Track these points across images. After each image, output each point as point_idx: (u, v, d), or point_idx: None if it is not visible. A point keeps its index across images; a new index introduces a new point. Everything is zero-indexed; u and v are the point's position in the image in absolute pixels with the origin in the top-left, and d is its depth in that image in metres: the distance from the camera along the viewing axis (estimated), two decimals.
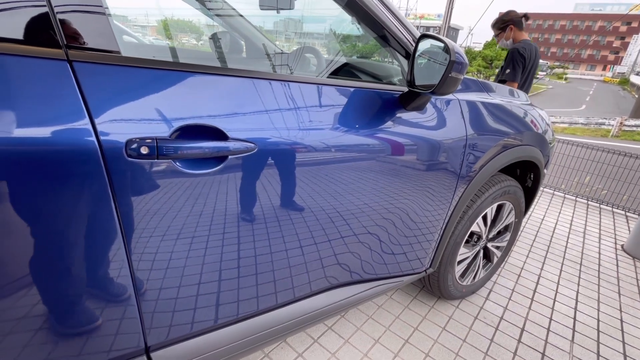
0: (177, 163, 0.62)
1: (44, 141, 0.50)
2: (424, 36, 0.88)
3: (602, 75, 59.37)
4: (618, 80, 47.69)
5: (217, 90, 0.68)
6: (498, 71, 2.44)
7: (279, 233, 0.83)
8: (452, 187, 1.18)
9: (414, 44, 0.90)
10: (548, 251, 2.25)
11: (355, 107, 0.89)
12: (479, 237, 1.56)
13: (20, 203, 0.51)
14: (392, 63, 1.07)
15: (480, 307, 1.66)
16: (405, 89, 0.97)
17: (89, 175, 0.54)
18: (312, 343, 1.37)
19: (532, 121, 1.49)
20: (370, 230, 1.04)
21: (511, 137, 1.32)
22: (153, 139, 0.58)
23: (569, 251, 2.27)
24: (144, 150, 0.57)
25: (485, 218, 1.49)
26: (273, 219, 0.80)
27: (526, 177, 1.72)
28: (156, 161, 0.59)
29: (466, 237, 1.44)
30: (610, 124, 11.68)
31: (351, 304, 1.12)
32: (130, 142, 0.56)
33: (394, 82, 1.03)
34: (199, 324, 0.80)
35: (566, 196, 3.28)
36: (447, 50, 0.81)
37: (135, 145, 0.56)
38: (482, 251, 1.64)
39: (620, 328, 1.61)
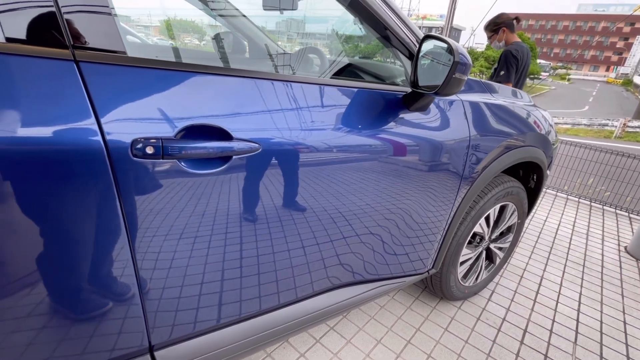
0: (182, 163, 0.62)
1: (51, 141, 0.50)
2: (428, 37, 0.88)
3: (605, 76, 59.12)
4: (621, 81, 47.47)
5: (222, 90, 0.68)
6: (492, 73, 2.51)
7: (283, 233, 0.83)
8: (455, 188, 1.18)
9: (418, 45, 0.90)
10: (551, 252, 2.24)
11: (358, 108, 0.89)
12: (482, 238, 1.56)
13: (26, 201, 0.51)
14: (395, 63, 1.08)
15: (482, 308, 1.66)
16: (408, 90, 0.97)
17: (95, 174, 0.55)
18: (314, 343, 1.37)
19: (535, 122, 1.49)
20: (373, 230, 1.04)
21: (514, 138, 1.32)
22: (158, 139, 0.58)
23: (572, 253, 2.27)
24: (150, 150, 0.57)
25: (488, 219, 1.49)
26: (276, 219, 0.80)
27: (529, 178, 1.72)
28: (161, 161, 0.60)
29: (469, 238, 1.44)
30: (613, 125, 11.64)
31: (354, 305, 1.13)
32: (135, 142, 0.56)
33: (397, 83, 1.03)
34: (203, 324, 0.80)
35: (569, 197, 3.27)
36: (451, 51, 0.81)
37: (140, 145, 0.57)
38: (485, 252, 1.63)
39: (623, 330, 1.61)
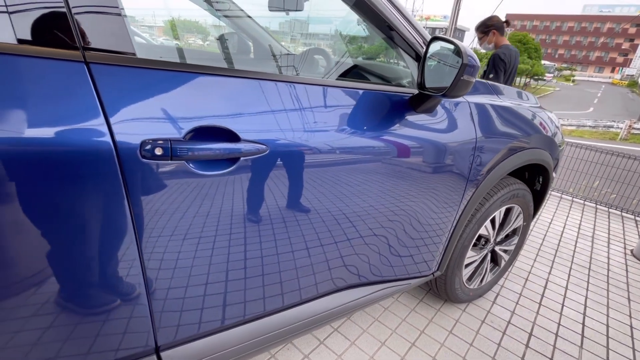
0: (190, 164, 0.62)
1: (62, 142, 0.50)
2: (435, 38, 0.88)
3: (611, 77, 58.72)
4: (627, 82, 47.11)
5: (230, 91, 0.68)
6: (481, 75, 2.59)
7: (289, 235, 0.83)
8: (461, 190, 1.18)
9: (425, 47, 0.89)
10: (556, 255, 2.22)
11: (365, 109, 0.89)
12: (487, 241, 1.55)
13: (36, 201, 0.51)
14: (399, 64, 1.07)
15: (487, 311, 1.65)
16: (415, 91, 0.97)
17: (104, 175, 0.55)
18: (318, 344, 1.37)
19: (542, 124, 1.48)
20: (379, 232, 1.03)
21: (520, 140, 1.31)
22: (167, 140, 0.58)
23: (578, 256, 2.25)
24: (158, 151, 0.58)
25: (493, 221, 1.48)
26: (283, 221, 0.80)
27: (535, 180, 1.71)
28: (170, 162, 0.60)
29: (474, 241, 1.43)
30: (618, 127, 11.55)
31: (358, 307, 1.12)
32: (144, 143, 0.57)
33: (404, 84, 1.03)
34: (208, 324, 0.80)
35: (574, 200, 3.25)
36: (459, 53, 0.81)
37: (149, 146, 0.57)
38: (490, 254, 1.62)
39: (630, 334, 1.59)
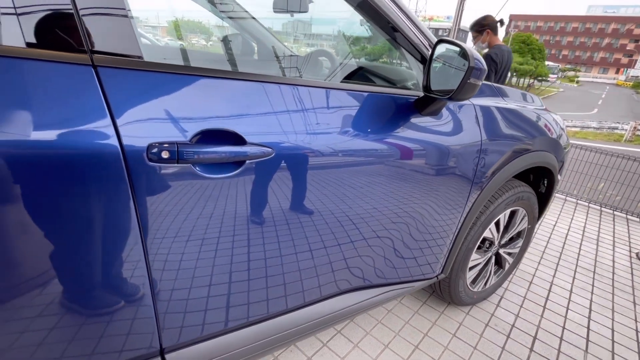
0: (197, 167, 0.62)
1: (70, 145, 0.51)
2: (441, 41, 0.88)
3: (615, 78, 58.35)
4: (632, 83, 46.77)
5: (236, 94, 0.68)
6: None
7: (295, 237, 0.83)
8: (466, 193, 1.17)
9: (431, 49, 0.89)
10: (560, 258, 2.21)
11: (371, 112, 0.88)
12: (491, 243, 1.54)
13: (44, 203, 0.52)
14: (402, 66, 1.07)
15: (491, 314, 1.64)
16: (420, 94, 0.96)
17: (112, 178, 0.55)
18: (322, 347, 1.37)
19: (547, 126, 1.47)
20: (384, 235, 1.03)
21: (526, 143, 1.31)
22: (174, 144, 0.58)
23: (582, 259, 2.23)
24: (165, 154, 0.58)
25: (498, 224, 1.47)
26: (289, 224, 0.80)
27: (540, 183, 1.70)
28: (176, 165, 0.60)
29: (478, 243, 1.42)
30: (623, 129, 11.47)
31: (362, 309, 1.12)
32: (151, 147, 0.57)
33: (409, 87, 1.02)
34: (213, 327, 0.80)
35: (579, 202, 3.22)
36: (466, 55, 0.81)
37: (156, 149, 0.57)
38: (494, 257, 1.62)
39: (635, 339, 1.58)
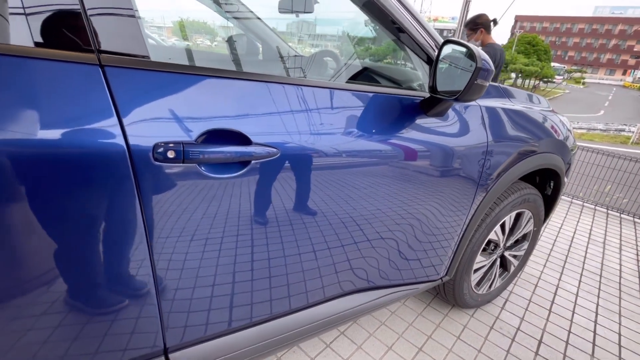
0: (202, 167, 0.62)
1: (76, 144, 0.51)
2: (448, 42, 0.87)
3: (622, 80, 57.76)
4: (639, 85, 46.28)
5: (242, 94, 0.68)
6: None
7: (300, 238, 0.83)
8: (471, 194, 1.16)
9: (437, 50, 0.89)
10: (566, 261, 2.19)
11: (377, 113, 0.88)
12: (496, 246, 1.53)
13: (50, 201, 0.52)
14: (406, 67, 1.06)
15: (496, 317, 1.63)
16: (426, 95, 0.96)
17: (118, 177, 0.55)
18: (325, 348, 1.36)
19: (554, 127, 1.46)
20: (389, 236, 1.03)
21: (532, 144, 1.29)
22: (180, 143, 0.58)
23: (588, 262, 2.21)
24: (171, 154, 0.58)
25: (503, 226, 1.46)
26: (294, 225, 0.80)
27: (546, 185, 1.68)
28: (182, 165, 0.60)
29: (483, 245, 1.41)
30: (630, 131, 11.36)
31: (366, 311, 1.11)
32: (157, 146, 0.57)
33: (414, 88, 1.02)
34: (217, 327, 0.80)
35: (585, 205, 3.19)
36: (472, 56, 0.80)
37: (162, 149, 0.57)
38: (499, 260, 1.60)
39: None
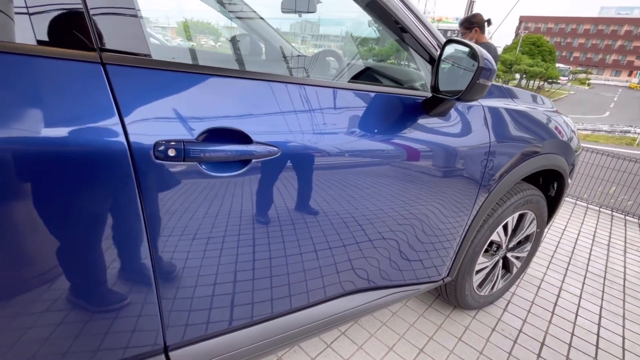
0: (203, 165, 0.62)
1: (78, 141, 0.51)
2: (450, 41, 0.87)
3: (628, 81, 57.26)
4: None
5: (243, 93, 0.68)
6: None
7: (302, 237, 0.83)
8: (474, 195, 1.16)
9: (439, 49, 0.88)
10: (570, 263, 2.17)
11: (378, 112, 0.88)
12: (499, 247, 1.52)
13: (51, 199, 0.52)
14: (409, 66, 1.06)
15: (498, 319, 1.62)
16: (428, 95, 0.95)
17: (118, 175, 0.56)
18: (325, 348, 1.36)
19: (557, 128, 1.45)
20: (390, 236, 1.02)
21: (535, 145, 1.29)
22: (180, 142, 0.59)
23: (592, 264, 2.19)
24: (172, 152, 0.58)
25: (505, 227, 1.45)
26: (294, 224, 0.80)
27: (549, 186, 1.67)
28: (182, 163, 0.60)
29: (485, 246, 1.41)
30: (636, 132, 11.26)
31: (367, 311, 1.11)
32: (158, 144, 0.57)
33: (416, 87, 1.02)
34: (217, 325, 0.81)
35: (589, 206, 3.17)
36: (475, 56, 0.80)
37: (163, 147, 0.57)
38: (502, 261, 1.59)
39: None
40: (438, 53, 0.88)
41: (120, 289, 0.65)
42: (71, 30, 0.52)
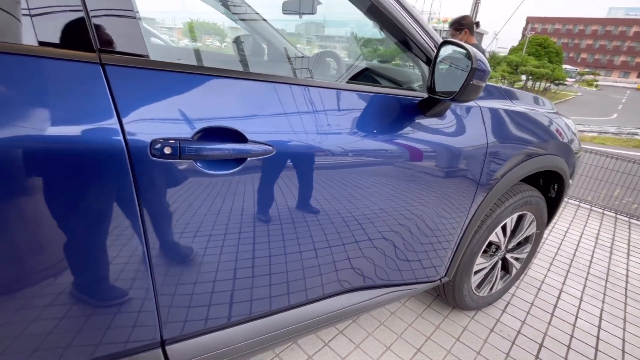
0: (198, 163, 0.64)
1: (76, 139, 0.53)
2: (446, 42, 0.88)
3: (637, 82, 56.54)
4: None
5: (238, 93, 0.69)
6: None
7: (294, 235, 0.84)
8: (471, 195, 1.16)
9: (435, 50, 0.89)
10: (571, 265, 2.16)
11: (374, 112, 0.89)
12: (498, 248, 1.52)
13: (49, 196, 0.54)
14: (412, 68, 1.07)
15: (496, 320, 1.62)
16: (425, 95, 0.96)
17: (116, 172, 0.57)
18: (323, 346, 1.37)
19: (557, 130, 1.45)
20: (385, 235, 1.03)
21: (534, 146, 1.29)
22: (176, 140, 0.60)
23: (594, 266, 2.18)
24: (167, 150, 0.59)
25: (504, 228, 1.45)
26: (289, 221, 0.81)
27: (550, 187, 1.67)
28: (178, 161, 0.62)
29: (484, 247, 1.41)
30: None
31: (364, 309, 1.12)
32: (154, 142, 0.59)
33: (414, 88, 1.02)
34: (214, 321, 0.82)
35: (593, 209, 3.14)
36: (469, 57, 0.80)
37: (159, 145, 0.59)
38: (501, 262, 1.59)
39: None
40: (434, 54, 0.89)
41: (117, 284, 0.66)
42: (72, 31, 0.53)
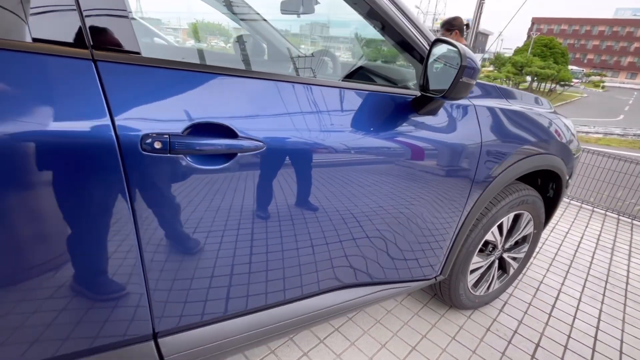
0: (188, 158, 0.65)
1: (68, 134, 0.54)
2: (438, 41, 0.88)
3: None
4: None
5: (229, 90, 0.71)
6: None
7: (286, 230, 0.85)
8: (465, 194, 1.16)
9: (428, 49, 0.90)
10: (571, 266, 2.15)
11: (366, 110, 0.90)
12: (494, 247, 1.52)
13: (41, 191, 0.55)
14: (407, 67, 1.08)
15: (493, 319, 1.61)
16: (417, 93, 0.97)
17: (107, 166, 0.59)
18: (318, 343, 1.38)
19: (556, 130, 1.45)
20: (379, 233, 1.04)
21: (530, 145, 1.29)
22: (166, 135, 0.61)
23: (594, 267, 2.16)
24: (158, 145, 0.61)
25: (501, 227, 1.45)
26: (279, 216, 0.82)
27: (548, 187, 1.66)
28: (168, 156, 0.63)
29: (480, 246, 1.41)
30: None
31: (359, 306, 1.13)
32: (145, 137, 0.60)
33: (409, 86, 1.03)
34: (206, 315, 0.83)
35: (595, 209, 3.12)
36: (459, 55, 0.81)
37: (149, 140, 0.60)
38: (498, 261, 1.59)
39: None
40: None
41: (109, 277, 0.67)
42: (65, 28, 0.55)
